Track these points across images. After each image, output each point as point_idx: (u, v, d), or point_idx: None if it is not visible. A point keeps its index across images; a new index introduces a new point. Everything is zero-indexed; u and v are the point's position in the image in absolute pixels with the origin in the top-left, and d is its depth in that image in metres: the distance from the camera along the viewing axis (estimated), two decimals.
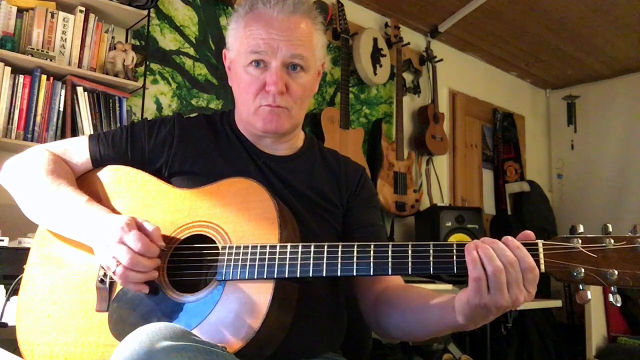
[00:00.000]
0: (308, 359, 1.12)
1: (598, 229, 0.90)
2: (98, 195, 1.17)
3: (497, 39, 4.41)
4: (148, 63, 2.82)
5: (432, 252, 0.93)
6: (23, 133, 2.31)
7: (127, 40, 2.76)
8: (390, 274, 0.96)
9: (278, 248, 0.98)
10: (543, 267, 0.88)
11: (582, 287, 0.88)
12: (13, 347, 1.11)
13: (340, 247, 0.97)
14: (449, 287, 2.99)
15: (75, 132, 2.42)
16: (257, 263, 0.98)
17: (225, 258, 1.01)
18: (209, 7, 3.13)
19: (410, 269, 0.93)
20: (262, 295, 0.96)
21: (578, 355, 4.02)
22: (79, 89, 2.45)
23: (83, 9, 2.51)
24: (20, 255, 1.18)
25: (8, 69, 2.30)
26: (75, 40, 2.48)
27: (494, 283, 0.87)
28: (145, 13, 2.68)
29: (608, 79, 5.04)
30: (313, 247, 0.97)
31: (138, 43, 2.82)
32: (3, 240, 1.84)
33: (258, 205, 1.04)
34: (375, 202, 1.37)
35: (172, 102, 2.92)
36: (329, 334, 1.20)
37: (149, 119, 1.29)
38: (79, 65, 2.49)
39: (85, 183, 1.20)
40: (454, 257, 0.91)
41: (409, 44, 4.03)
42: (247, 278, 0.98)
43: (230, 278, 0.99)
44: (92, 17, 2.54)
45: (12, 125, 2.29)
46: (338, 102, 3.52)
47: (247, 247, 1.00)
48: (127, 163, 1.21)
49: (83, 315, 1.07)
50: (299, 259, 0.97)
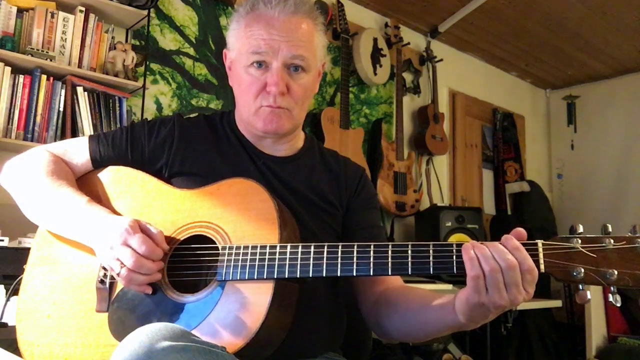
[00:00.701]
0: (308, 359, 1.12)
1: (598, 229, 0.90)
2: (98, 196, 1.17)
3: (497, 39, 4.41)
4: (148, 63, 2.82)
5: (432, 252, 0.93)
6: (23, 133, 2.31)
7: (127, 40, 2.76)
8: (390, 274, 0.96)
9: (278, 248, 0.98)
10: (543, 267, 0.88)
11: (582, 287, 0.88)
12: (13, 347, 1.11)
13: (340, 247, 0.97)
14: (449, 287, 2.99)
15: (75, 132, 2.42)
16: (257, 263, 0.98)
17: (225, 258, 1.01)
18: (209, 7, 3.13)
19: (410, 269, 0.93)
20: (262, 296, 0.96)
21: (578, 355, 4.03)
22: (79, 89, 2.45)
23: (83, 9, 2.51)
24: (20, 255, 1.18)
25: (8, 69, 2.30)
26: (75, 40, 2.48)
27: (492, 282, 0.87)
28: (145, 13, 2.68)
29: (608, 79, 5.04)
30: (313, 247, 0.97)
31: (138, 43, 2.82)
32: (3, 240, 1.84)
33: (258, 206, 1.04)
34: (375, 203, 1.37)
35: (172, 102, 2.92)
36: (329, 334, 1.20)
37: (149, 120, 1.29)
38: (79, 65, 2.49)
39: (86, 184, 1.20)
40: (454, 257, 0.91)
41: (409, 44, 4.03)
42: (247, 278, 0.98)
43: (230, 278, 0.99)
44: (92, 17, 2.54)
45: (12, 125, 2.29)
46: (338, 102, 3.52)
47: (247, 247, 1.00)
48: (127, 163, 1.21)
49: (83, 316, 1.07)
50: (299, 259, 0.97)
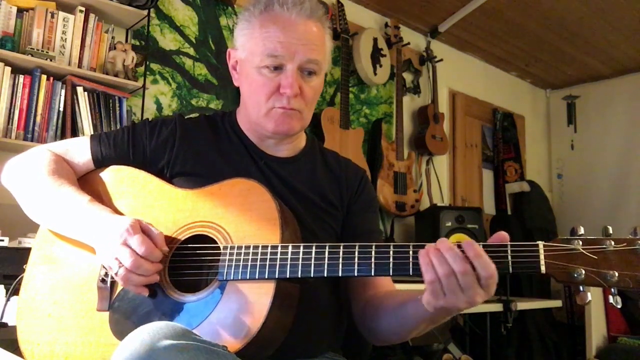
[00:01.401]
0: (308, 359, 1.12)
1: (598, 229, 0.90)
2: (100, 196, 1.17)
3: (497, 39, 4.41)
4: (148, 63, 2.82)
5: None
6: (23, 133, 2.31)
7: (127, 40, 2.76)
8: (392, 275, 0.96)
9: (279, 248, 0.98)
10: (544, 268, 0.88)
11: (582, 288, 0.88)
12: (13, 347, 1.11)
13: (342, 247, 0.97)
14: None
15: (76, 132, 2.42)
16: (258, 263, 0.98)
17: (227, 258, 1.01)
18: (209, 7, 3.13)
19: (411, 270, 0.94)
20: (263, 296, 0.96)
21: (578, 355, 4.03)
22: (79, 89, 2.45)
23: (83, 9, 2.51)
24: (20, 255, 1.18)
25: (8, 69, 2.30)
26: (75, 40, 2.48)
27: (447, 286, 0.89)
28: (145, 13, 2.68)
29: (608, 79, 5.04)
30: (314, 247, 0.98)
31: (138, 43, 2.82)
32: (3, 240, 1.84)
33: (260, 206, 1.04)
34: (375, 206, 1.38)
35: (172, 102, 2.92)
36: (330, 334, 1.20)
37: (151, 120, 1.29)
38: (79, 65, 2.49)
39: (88, 183, 1.20)
40: None
41: (409, 44, 4.03)
42: (248, 278, 0.98)
43: (232, 278, 0.99)
44: (92, 17, 2.54)
45: (12, 125, 2.29)
46: (338, 102, 3.52)
47: (248, 247, 1.00)
48: (128, 163, 1.21)
49: (84, 315, 1.07)
50: (300, 260, 0.97)
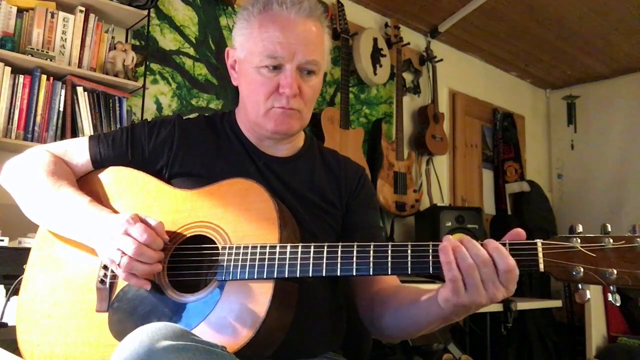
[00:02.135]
0: (308, 359, 1.12)
1: (598, 229, 0.91)
2: (99, 196, 1.17)
3: (497, 39, 4.41)
4: (148, 63, 2.82)
5: (431, 251, 0.93)
6: (23, 133, 2.31)
7: (127, 40, 2.77)
8: (390, 274, 0.97)
9: (278, 248, 0.98)
10: (542, 266, 0.88)
11: (581, 286, 0.88)
12: (13, 347, 1.11)
13: (340, 247, 0.97)
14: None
15: (75, 132, 2.42)
16: (257, 263, 0.98)
17: (226, 258, 1.01)
18: (209, 7, 3.13)
19: (410, 269, 0.94)
20: (262, 296, 0.96)
21: (578, 355, 4.03)
22: (79, 89, 2.45)
23: (83, 9, 2.51)
24: (20, 255, 1.18)
25: (8, 69, 2.30)
26: (75, 40, 2.49)
27: (470, 282, 0.88)
28: (145, 13, 2.68)
29: (608, 79, 5.04)
30: (313, 247, 0.98)
31: (138, 43, 2.82)
32: (3, 240, 1.84)
33: (258, 206, 1.04)
34: (375, 203, 1.37)
35: (172, 102, 2.92)
36: (329, 334, 1.20)
37: (149, 120, 1.29)
38: (79, 65, 2.49)
39: (86, 184, 1.20)
40: None
41: (409, 44, 4.03)
42: (247, 278, 0.98)
43: (230, 278, 0.99)
44: (92, 17, 2.54)
45: (12, 125, 2.29)
46: (338, 102, 3.52)
47: (247, 247, 1.00)
48: (127, 164, 1.21)
49: (83, 316, 1.07)
50: (299, 259, 0.97)
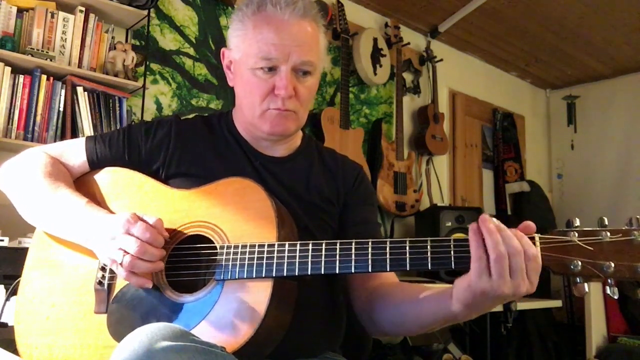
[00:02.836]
0: (307, 359, 1.12)
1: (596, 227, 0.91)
2: (95, 197, 1.17)
3: (497, 39, 4.41)
4: (148, 63, 2.82)
5: (429, 247, 0.92)
6: (23, 133, 2.31)
7: (127, 40, 2.77)
8: (389, 270, 0.96)
9: (276, 247, 0.98)
10: (540, 260, 0.88)
11: (579, 280, 0.88)
12: (13, 347, 1.11)
13: (338, 244, 0.97)
14: (449, 287, 2.99)
15: (75, 132, 2.42)
16: (255, 262, 0.98)
17: (224, 258, 1.01)
18: (209, 7, 3.13)
19: (409, 265, 0.93)
20: (260, 294, 0.96)
21: (578, 355, 4.03)
22: (79, 89, 2.45)
23: (83, 9, 2.51)
24: (20, 255, 1.18)
25: (8, 69, 2.30)
26: (75, 40, 2.49)
27: (496, 267, 0.86)
28: (145, 13, 2.68)
29: (608, 79, 5.04)
30: (311, 245, 0.97)
31: (138, 43, 2.82)
32: (3, 240, 1.84)
33: (256, 205, 1.04)
34: (373, 200, 1.37)
35: (172, 102, 2.92)
36: (328, 334, 1.20)
37: (147, 121, 1.29)
38: (79, 65, 2.49)
39: (83, 185, 1.20)
40: (452, 252, 0.91)
41: (409, 44, 4.03)
42: (245, 277, 0.98)
43: (229, 277, 0.99)
44: (92, 17, 2.54)
45: (12, 125, 2.29)
46: (338, 102, 3.52)
47: (245, 246, 1.00)
48: (124, 164, 1.21)
49: (82, 317, 1.07)
50: (297, 258, 0.97)
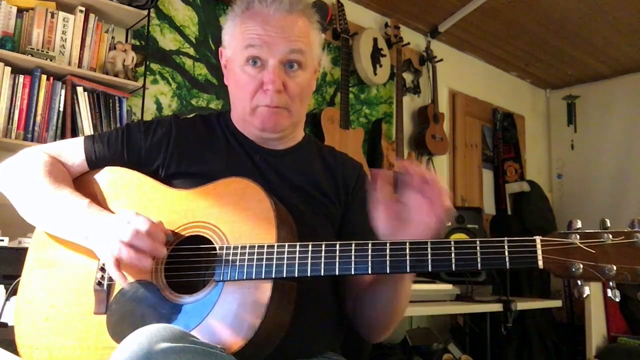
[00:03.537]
0: (307, 359, 1.12)
1: (597, 228, 0.90)
2: (95, 197, 1.16)
3: (497, 39, 4.41)
4: (148, 63, 2.82)
5: (430, 249, 0.92)
6: (23, 133, 2.31)
7: (127, 40, 2.77)
8: (389, 272, 0.96)
9: (276, 248, 0.98)
10: (541, 263, 0.88)
11: (580, 282, 0.88)
12: (13, 347, 1.11)
13: (338, 245, 0.96)
14: (449, 287, 2.99)
15: (75, 132, 2.43)
16: (254, 263, 0.98)
17: (223, 259, 1.00)
18: (209, 7, 3.13)
19: (409, 267, 0.93)
20: (260, 295, 0.96)
21: (578, 355, 4.03)
22: (79, 89, 2.46)
23: (83, 9, 2.52)
24: (20, 255, 1.18)
25: (8, 69, 2.30)
26: (75, 40, 2.49)
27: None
28: (145, 13, 2.68)
29: (608, 79, 5.04)
30: (311, 246, 0.97)
31: (138, 43, 2.82)
32: (3, 240, 1.84)
33: (255, 205, 1.03)
34: None
35: (172, 102, 2.92)
36: (328, 334, 1.19)
37: (146, 120, 1.29)
38: (79, 65, 2.49)
39: (82, 184, 1.20)
40: (452, 254, 0.91)
41: (409, 44, 4.03)
42: (245, 278, 0.98)
43: (228, 278, 0.99)
44: (92, 17, 2.54)
45: (12, 125, 2.29)
46: (338, 102, 3.51)
47: (244, 247, 1.00)
48: (123, 163, 1.21)
49: (81, 318, 1.06)
50: (297, 259, 0.97)
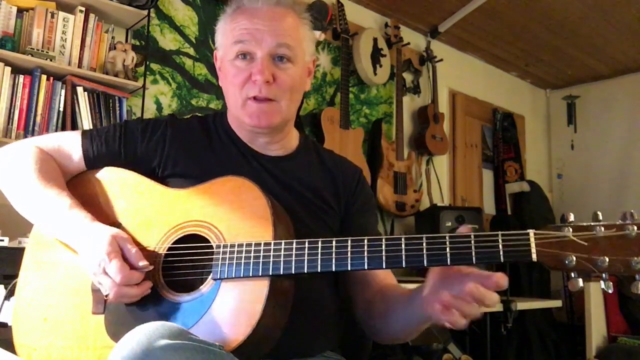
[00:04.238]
0: (306, 358, 1.12)
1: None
2: (92, 197, 1.16)
3: (497, 39, 4.41)
4: (148, 63, 2.83)
5: (425, 244, 0.92)
6: (23, 133, 2.32)
7: (127, 40, 2.77)
8: (385, 267, 0.96)
9: (272, 245, 0.98)
10: (535, 256, 0.88)
11: (574, 274, 0.88)
12: (13, 346, 1.11)
13: (334, 242, 0.97)
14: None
15: None
16: (251, 261, 0.98)
17: (220, 257, 1.00)
18: (209, 7, 3.13)
19: (404, 262, 0.93)
20: (257, 293, 0.96)
21: (578, 355, 4.03)
22: (79, 89, 2.46)
23: (83, 9, 2.52)
24: (20, 255, 1.18)
25: (8, 69, 2.30)
26: (75, 40, 2.49)
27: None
28: (145, 13, 2.69)
29: (608, 79, 5.04)
30: (307, 243, 0.97)
31: (138, 43, 2.82)
32: (3, 240, 1.84)
33: (251, 203, 1.04)
34: (373, 205, 1.38)
35: (172, 102, 2.92)
36: (328, 333, 1.19)
37: (142, 120, 1.29)
38: (79, 65, 2.50)
39: (79, 184, 1.20)
40: (447, 248, 0.91)
41: (409, 44, 4.04)
42: (242, 276, 0.98)
43: (226, 276, 0.99)
44: (92, 17, 2.55)
45: (12, 125, 2.30)
46: (338, 102, 3.52)
47: (241, 245, 1.00)
48: (120, 161, 1.20)
49: (80, 318, 1.06)
50: (294, 256, 0.97)
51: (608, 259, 0.85)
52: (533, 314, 3.97)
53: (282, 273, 0.97)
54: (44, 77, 2.38)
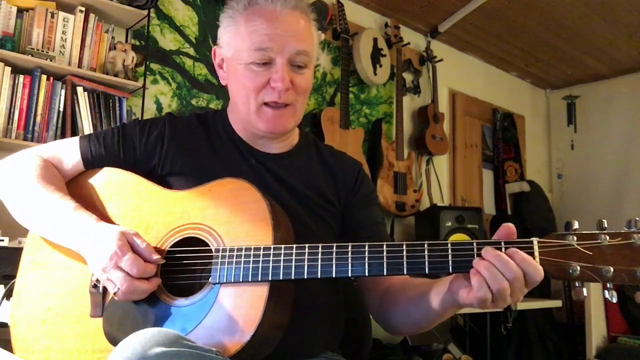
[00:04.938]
0: (306, 359, 1.12)
1: (596, 229, 0.90)
2: (90, 199, 1.16)
3: (497, 39, 4.40)
4: (148, 63, 2.82)
5: (427, 251, 0.92)
6: (23, 133, 2.32)
7: (127, 40, 2.77)
8: (386, 274, 0.95)
9: (272, 250, 0.97)
10: (539, 274, 0.87)
11: (578, 283, 0.88)
12: (12, 348, 1.11)
13: (335, 247, 0.96)
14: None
15: (75, 132, 2.43)
16: (251, 265, 0.97)
17: (219, 260, 1.00)
18: (209, 7, 3.13)
19: (406, 269, 0.93)
20: (256, 298, 0.95)
21: (578, 355, 4.03)
22: (79, 89, 2.46)
23: (83, 9, 2.52)
24: (20, 255, 1.18)
25: (8, 69, 2.30)
26: (75, 40, 2.49)
27: (498, 297, 0.87)
28: (145, 13, 2.68)
29: (608, 79, 5.03)
30: (307, 248, 0.97)
31: (138, 43, 2.82)
32: (3, 240, 1.84)
33: (251, 207, 1.03)
34: (375, 198, 1.36)
35: (172, 102, 2.92)
36: (328, 334, 1.19)
37: (141, 120, 1.28)
38: (79, 65, 2.49)
39: (77, 186, 1.19)
40: (449, 256, 0.91)
41: (409, 44, 4.03)
42: (241, 280, 0.97)
43: (225, 281, 0.98)
44: (92, 17, 2.54)
45: (12, 125, 2.29)
46: (338, 102, 3.51)
47: (240, 249, 0.99)
48: (119, 163, 1.20)
49: (78, 321, 1.06)
50: (294, 261, 0.96)
51: (613, 269, 0.84)
52: (533, 314, 3.97)
53: (281, 278, 0.96)
54: (44, 77, 2.38)
